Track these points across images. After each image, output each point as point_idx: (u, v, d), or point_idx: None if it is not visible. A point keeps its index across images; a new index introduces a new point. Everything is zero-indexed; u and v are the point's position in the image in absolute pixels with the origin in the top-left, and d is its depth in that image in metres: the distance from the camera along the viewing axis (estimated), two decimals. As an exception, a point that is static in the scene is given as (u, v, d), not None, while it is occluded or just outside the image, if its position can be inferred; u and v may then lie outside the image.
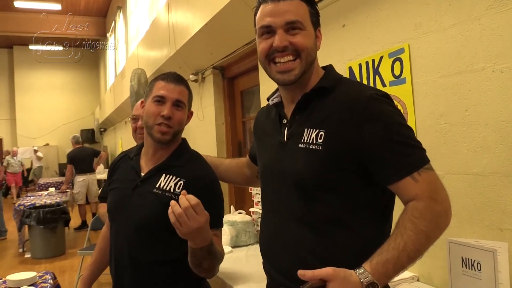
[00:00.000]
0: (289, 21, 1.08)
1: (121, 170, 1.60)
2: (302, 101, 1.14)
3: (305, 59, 1.10)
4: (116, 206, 1.52)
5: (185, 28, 4.16)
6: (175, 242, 1.44)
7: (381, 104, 1.05)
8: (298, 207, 1.11)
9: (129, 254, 1.45)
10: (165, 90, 1.44)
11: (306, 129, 1.10)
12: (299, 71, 1.11)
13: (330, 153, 1.05)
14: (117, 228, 1.51)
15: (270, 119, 1.28)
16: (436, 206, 0.99)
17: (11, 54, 16.56)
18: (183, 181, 1.44)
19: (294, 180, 1.11)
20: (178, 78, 1.49)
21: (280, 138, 1.18)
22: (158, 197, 1.43)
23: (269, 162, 1.23)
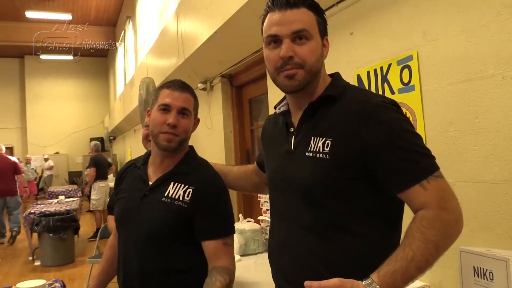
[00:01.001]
0: (296, 30, 1.08)
1: (128, 179, 1.60)
2: (308, 109, 1.14)
3: (309, 71, 1.10)
4: (124, 215, 1.52)
5: (193, 37, 4.19)
6: (184, 251, 1.44)
7: (388, 111, 1.04)
8: (306, 216, 1.11)
9: (138, 263, 1.44)
10: (170, 98, 1.44)
11: (313, 137, 1.10)
12: (302, 78, 1.10)
13: (337, 161, 1.04)
14: (126, 237, 1.51)
15: (277, 128, 1.28)
16: (446, 215, 0.97)
17: (22, 64, 16.79)
18: (192, 189, 1.44)
19: (302, 188, 1.11)
20: (183, 86, 1.49)
21: (287, 146, 1.18)
22: (167, 205, 1.42)
23: (276, 170, 1.23)
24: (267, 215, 2.70)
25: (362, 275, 0.94)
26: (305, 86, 1.11)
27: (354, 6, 2.20)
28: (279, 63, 1.10)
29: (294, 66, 1.09)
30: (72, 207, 6.49)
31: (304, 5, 1.10)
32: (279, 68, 1.10)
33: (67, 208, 6.33)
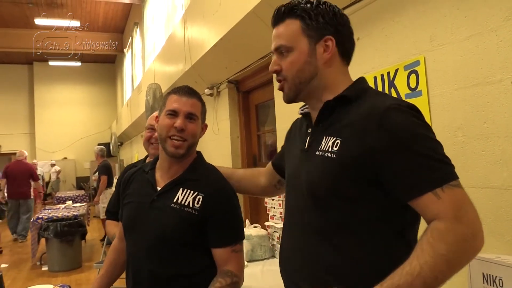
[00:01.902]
0: (276, 47, 1.14)
1: (136, 183, 1.60)
2: (324, 109, 1.12)
3: (292, 82, 1.13)
4: (133, 221, 1.52)
5: (200, 43, 4.22)
6: (193, 256, 1.44)
7: (402, 115, 0.99)
8: (314, 218, 1.09)
9: (148, 269, 1.44)
10: (178, 104, 1.45)
11: (325, 136, 1.08)
12: (288, 91, 1.15)
13: (342, 161, 1.02)
14: (135, 242, 1.51)
15: (300, 129, 1.27)
16: (461, 228, 0.89)
17: (31, 70, 16.97)
18: (201, 196, 1.44)
19: (309, 188, 1.09)
20: (190, 91, 1.50)
21: (302, 146, 1.18)
22: (177, 212, 1.42)
23: (291, 170, 1.23)
24: (274, 220, 2.70)
25: (369, 285, 0.91)
26: (295, 96, 1.16)
27: (360, 11, 2.20)
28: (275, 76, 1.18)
29: (281, 78, 1.15)
30: (80, 213, 6.52)
31: (289, 16, 1.13)
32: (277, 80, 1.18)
33: (74, 214, 6.36)
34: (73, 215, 6.25)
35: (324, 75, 1.13)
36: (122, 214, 1.59)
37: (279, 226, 2.58)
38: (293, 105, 3.19)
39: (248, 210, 4.12)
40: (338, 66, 1.14)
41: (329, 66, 1.13)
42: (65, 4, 11.66)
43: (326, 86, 1.13)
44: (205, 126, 1.58)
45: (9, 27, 13.09)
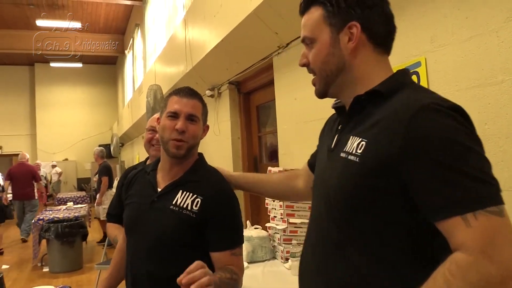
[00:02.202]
0: (302, 39, 1.06)
1: (137, 184, 1.60)
2: (354, 104, 0.99)
3: (320, 73, 1.03)
4: (133, 221, 1.52)
5: (201, 44, 4.22)
6: (193, 257, 1.43)
7: (438, 116, 0.82)
8: (332, 229, 0.97)
9: (147, 270, 1.44)
10: (178, 105, 1.45)
11: (352, 136, 0.95)
12: (318, 85, 1.06)
13: (365, 167, 0.89)
14: (134, 243, 1.51)
15: (333, 126, 1.14)
16: (487, 267, 0.72)
17: (32, 71, 17.00)
18: (200, 199, 1.43)
19: (329, 194, 0.98)
20: (191, 93, 1.49)
21: (329, 144, 1.06)
22: (176, 214, 1.42)
23: (317, 171, 1.13)
24: (275, 222, 2.69)
25: None
26: (325, 91, 1.06)
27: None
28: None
29: (311, 73, 1.07)
30: (81, 214, 6.53)
31: (313, 3, 1.03)
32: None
33: (75, 215, 6.37)
34: (74, 216, 6.25)
35: (353, 67, 1.00)
36: (124, 214, 1.60)
37: (280, 228, 2.57)
38: (293, 106, 3.18)
39: (249, 211, 4.12)
40: (369, 56, 0.99)
41: (356, 57, 0.99)
42: (66, 5, 11.68)
43: (358, 79, 1.00)
44: (207, 127, 1.57)
45: (10, 28, 13.12)
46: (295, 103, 2.96)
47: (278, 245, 2.64)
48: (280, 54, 3.14)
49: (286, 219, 2.56)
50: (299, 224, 2.58)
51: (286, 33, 2.90)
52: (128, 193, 1.62)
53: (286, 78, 3.08)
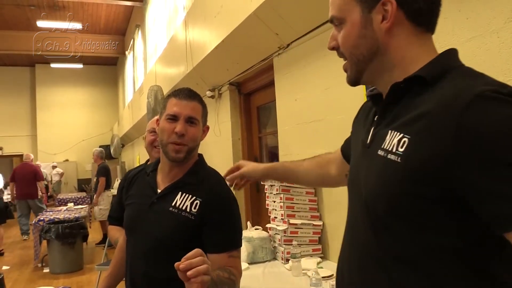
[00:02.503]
0: (330, 19, 0.94)
1: (138, 185, 1.60)
2: (392, 93, 0.86)
3: (350, 58, 0.90)
4: (133, 222, 1.53)
5: (202, 45, 4.22)
6: None
7: (498, 107, 0.68)
8: (367, 236, 0.85)
9: (144, 271, 1.44)
10: (178, 107, 1.44)
11: (390, 131, 0.82)
12: (350, 71, 0.92)
13: (408, 169, 0.75)
14: (134, 243, 1.52)
15: (368, 116, 1.00)
16: None
17: (33, 72, 17.00)
18: (199, 201, 1.43)
19: (365, 198, 0.85)
20: (190, 94, 1.47)
21: (364, 138, 0.93)
22: (174, 215, 1.42)
23: (352, 167, 0.99)
24: (275, 223, 2.69)
25: None
26: (357, 78, 0.92)
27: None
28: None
29: (341, 57, 0.94)
30: (81, 215, 6.53)
31: None
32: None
33: (76, 216, 6.37)
34: (74, 217, 6.25)
35: (389, 50, 0.86)
36: (125, 215, 1.60)
37: (280, 228, 2.57)
38: (294, 107, 3.18)
39: (249, 212, 4.12)
40: (408, 36, 0.85)
41: (392, 37, 0.85)
42: (67, 6, 11.68)
43: (395, 63, 0.87)
44: (207, 128, 1.56)
45: (11, 29, 13.12)
46: (296, 104, 2.96)
47: (279, 246, 2.64)
48: (280, 55, 3.14)
49: (286, 220, 2.57)
50: (300, 225, 2.59)
51: (286, 34, 2.91)
52: (128, 194, 1.62)
53: (287, 79, 3.08)
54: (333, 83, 2.45)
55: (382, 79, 0.89)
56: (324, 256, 2.63)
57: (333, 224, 2.58)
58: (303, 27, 2.71)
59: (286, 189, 2.61)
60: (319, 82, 2.62)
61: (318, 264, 2.46)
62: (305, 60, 2.79)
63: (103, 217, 7.38)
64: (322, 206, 2.67)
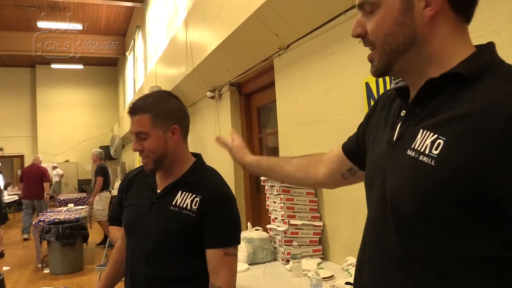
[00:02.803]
0: (360, 3, 0.85)
1: (137, 186, 1.61)
2: (425, 88, 0.78)
3: (382, 47, 0.82)
4: (133, 223, 1.53)
5: (202, 45, 4.22)
6: (192, 259, 1.44)
7: None
8: (391, 239, 0.79)
9: (144, 271, 1.44)
10: (131, 125, 1.47)
11: (422, 130, 0.76)
12: (378, 63, 0.84)
13: (443, 174, 0.69)
14: (134, 244, 1.52)
15: (391, 109, 0.93)
16: None
17: (33, 73, 17.01)
18: (199, 198, 1.44)
19: (392, 200, 0.79)
20: (133, 110, 1.46)
21: (389, 135, 0.86)
22: (175, 214, 1.43)
23: (372, 164, 0.92)
24: (276, 223, 2.69)
25: None
26: (387, 69, 0.84)
27: (363, 14, 2.19)
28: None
29: (369, 45, 0.86)
30: (81, 215, 6.53)
31: None
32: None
33: (76, 216, 6.37)
34: (74, 218, 6.26)
35: (427, 41, 0.79)
36: (123, 216, 1.60)
37: (281, 229, 2.57)
38: (294, 108, 3.17)
39: (249, 213, 4.12)
40: (449, 27, 0.79)
41: (433, 27, 0.78)
42: (67, 7, 11.69)
43: (432, 56, 0.80)
44: (175, 129, 1.48)
45: (12, 30, 13.14)
46: (296, 105, 2.96)
47: (279, 247, 2.64)
48: (281, 55, 3.14)
49: (287, 220, 2.56)
50: (300, 225, 2.58)
51: (287, 35, 2.91)
52: (128, 195, 1.62)
53: (287, 80, 3.08)
54: (334, 83, 2.45)
55: (413, 71, 0.83)
56: (324, 257, 2.63)
57: (333, 225, 2.58)
58: (304, 27, 2.71)
59: (286, 190, 2.61)
60: (320, 83, 2.62)
61: (319, 265, 2.45)
62: (306, 60, 2.79)
63: (100, 217, 7.41)
64: (323, 206, 2.67)
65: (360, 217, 2.32)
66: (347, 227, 2.43)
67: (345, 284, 1.96)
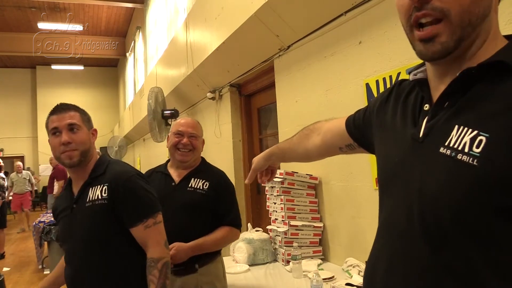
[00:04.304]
0: None
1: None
2: (459, 80, 0.70)
3: (459, 19, 0.68)
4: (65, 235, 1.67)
5: (202, 46, 4.22)
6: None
7: None
8: (421, 249, 0.70)
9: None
10: (56, 122, 1.56)
11: (458, 126, 0.68)
12: (449, 39, 0.69)
13: (490, 175, 0.61)
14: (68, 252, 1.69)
15: (408, 100, 0.86)
16: None
17: (34, 74, 17.03)
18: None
19: (423, 204, 0.70)
20: (64, 107, 1.63)
21: (413, 131, 0.77)
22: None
23: (391, 163, 0.83)
24: (276, 224, 2.69)
25: None
26: (452, 49, 0.70)
27: (362, 15, 2.20)
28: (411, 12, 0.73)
29: (431, 14, 0.70)
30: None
31: None
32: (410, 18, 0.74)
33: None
34: (75, 219, 6.24)
35: (490, 16, 0.71)
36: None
37: (281, 230, 2.57)
38: (294, 108, 3.16)
39: (250, 214, 4.12)
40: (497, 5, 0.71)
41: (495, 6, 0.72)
42: (67, 8, 11.71)
43: (488, 34, 0.71)
44: (95, 131, 1.74)
45: (12, 31, 13.16)
46: (296, 106, 2.96)
47: (279, 248, 2.64)
48: (281, 56, 3.14)
49: (287, 221, 2.56)
50: (300, 226, 2.58)
51: (287, 36, 2.91)
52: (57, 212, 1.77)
53: (287, 81, 3.08)
54: (334, 84, 2.45)
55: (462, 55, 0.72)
56: (324, 258, 2.63)
57: (334, 226, 2.57)
58: (304, 28, 2.71)
59: (286, 191, 2.61)
60: (320, 84, 2.62)
61: (319, 266, 2.45)
62: (306, 61, 2.79)
63: None
64: (323, 207, 2.67)
65: (360, 218, 2.32)
66: (348, 228, 2.43)
67: (346, 285, 1.96)
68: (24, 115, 16.96)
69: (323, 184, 2.66)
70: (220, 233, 1.99)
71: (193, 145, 2.06)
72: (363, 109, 1.07)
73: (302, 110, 2.88)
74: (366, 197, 2.23)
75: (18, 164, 10.52)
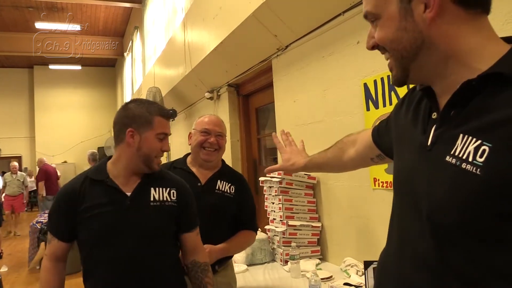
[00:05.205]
0: (364, 15, 0.84)
1: (92, 195, 1.59)
2: (462, 90, 0.72)
3: (394, 54, 0.80)
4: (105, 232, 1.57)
5: (200, 46, 4.22)
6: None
7: None
8: (428, 252, 0.74)
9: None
10: (166, 128, 1.63)
11: (462, 134, 0.70)
12: (397, 71, 0.81)
13: (492, 184, 0.63)
14: (109, 252, 1.59)
15: (420, 107, 0.88)
16: None
17: (31, 74, 16.99)
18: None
19: (428, 210, 0.74)
20: (175, 114, 1.74)
21: (422, 139, 0.80)
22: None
23: (402, 169, 0.87)
24: (274, 224, 2.69)
25: None
26: (404, 77, 0.81)
27: (360, 15, 2.19)
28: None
29: (385, 54, 0.84)
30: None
31: None
32: None
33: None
34: (73, 219, 6.23)
35: (437, 42, 0.75)
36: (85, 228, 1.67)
37: (279, 230, 2.57)
38: (292, 109, 3.16)
39: (248, 214, 4.11)
40: (457, 22, 0.73)
41: (438, 27, 0.74)
42: (65, 8, 11.68)
43: (447, 56, 0.75)
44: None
45: (10, 31, 13.13)
46: (294, 106, 2.96)
47: (278, 248, 2.64)
48: (279, 56, 3.14)
49: (285, 221, 2.56)
50: (299, 226, 2.58)
51: (285, 36, 2.91)
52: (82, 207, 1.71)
53: (285, 81, 3.08)
54: (332, 84, 2.46)
55: (432, 76, 0.79)
56: (323, 257, 2.63)
57: (332, 226, 2.58)
58: (302, 28, 2.71)
59: (285, 191, 2.61)
60: (318, 84, 2.62)
61: (317, 265, 2.45)
62: (304, 61, 2.80)
63: None
64: (321, 207, 2.67)
65: (358, 218, 2.32)
66: (346, 228, 2.44)
67: (344, 285, 1.96)
68: (21, 115, 16.92)
69: (321, 184, 2.66)
70: (243, 237, 2.05)
71: (219, 145, 2.04)
72: (385, 119, 1.12)
73: (300, 110, 2.88)
74: (364, 197, 2.23)
75: (14, 164, 10.17)
